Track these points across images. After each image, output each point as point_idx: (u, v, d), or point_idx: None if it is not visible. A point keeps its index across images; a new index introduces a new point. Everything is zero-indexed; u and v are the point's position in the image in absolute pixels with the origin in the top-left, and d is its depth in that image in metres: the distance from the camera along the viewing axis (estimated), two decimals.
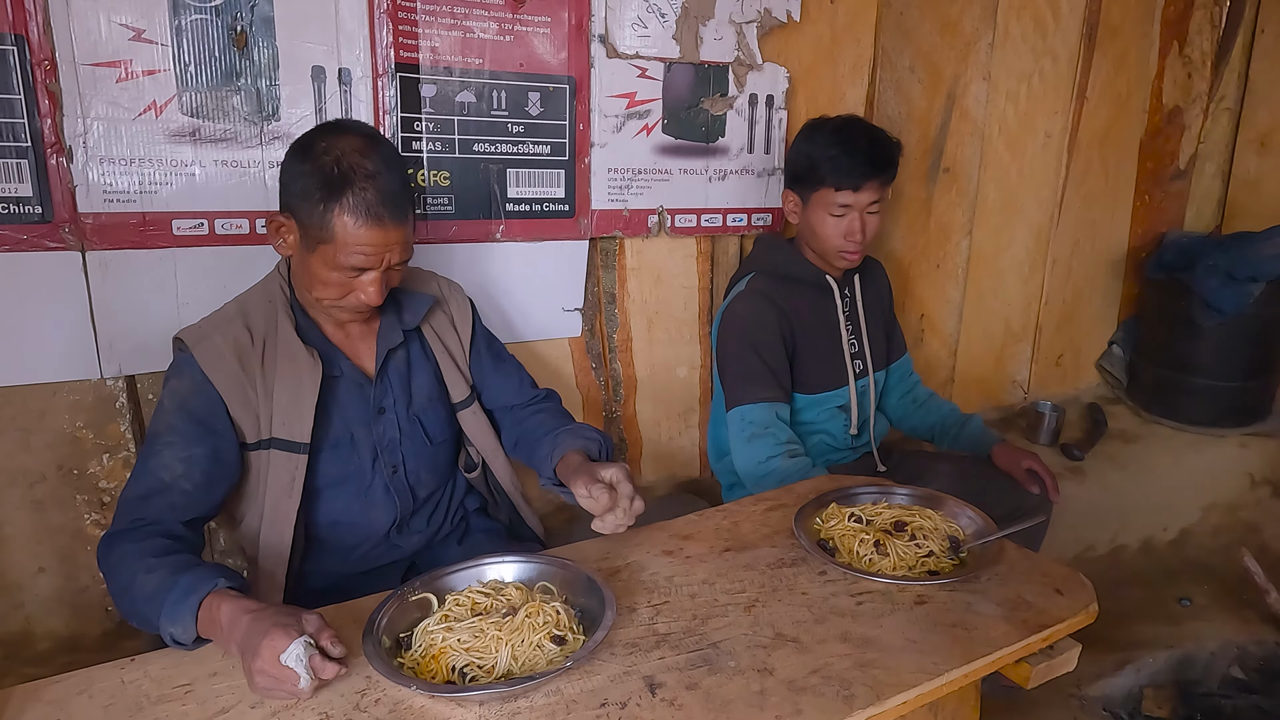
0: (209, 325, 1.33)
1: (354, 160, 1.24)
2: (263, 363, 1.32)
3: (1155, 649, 2.26)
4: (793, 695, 1.02)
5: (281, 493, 1.34)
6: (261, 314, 1.35)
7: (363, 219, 1.23)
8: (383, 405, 1.43)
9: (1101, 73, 2.89)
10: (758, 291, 1.86)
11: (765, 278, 1.89)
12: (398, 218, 1.27)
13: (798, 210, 1.89)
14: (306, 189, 1.24)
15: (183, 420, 1.25)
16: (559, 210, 1.91)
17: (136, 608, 1.10)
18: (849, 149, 1.77)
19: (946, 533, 1.38)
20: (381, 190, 1.24)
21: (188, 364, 1.29)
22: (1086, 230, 3.09)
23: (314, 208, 1.24)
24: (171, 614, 1.05)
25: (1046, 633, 1.17)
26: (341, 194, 1.22)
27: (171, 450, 1.23)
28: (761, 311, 1.84)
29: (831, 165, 1.77)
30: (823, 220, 1.83)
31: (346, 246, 1.24)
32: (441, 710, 0.99)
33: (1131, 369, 3.29)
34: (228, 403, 1.29)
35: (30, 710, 1.00)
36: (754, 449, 1.78)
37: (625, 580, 1.28)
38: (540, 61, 1.81)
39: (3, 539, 1.55)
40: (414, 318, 1.46)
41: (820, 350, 1.92)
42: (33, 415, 1.53)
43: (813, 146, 1.81)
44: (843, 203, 1.79)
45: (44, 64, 1.39)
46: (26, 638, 1.59)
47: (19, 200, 1.42)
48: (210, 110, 1.53)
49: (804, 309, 1.89)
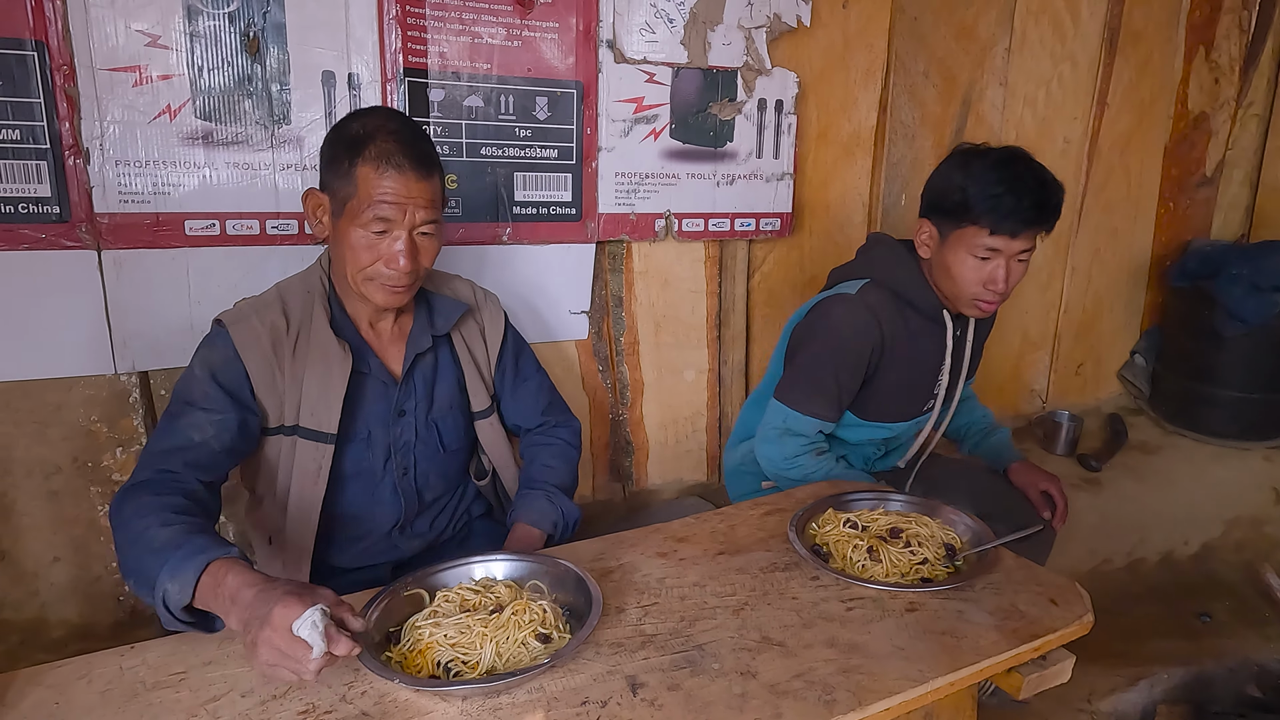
0: (248, 308, 1.35)
1: (377, 123, 1.27)
2: (294, 351, 1.33)
3: (1171, 665, 2.21)
4: (774, 699, 1.01)
5: (308, 480, 1.36)
6: (299, 303, 1.36)
7: (384, 166, 1.24)
8: (404, 408, 1.44)
9: (1123, 78, 2.85)
10: (868, 305, 1.68)
11: (881, 292, 1.70)
12: (420, 168, 1.27)
13: (932, 244, 1.66)
14: (334, 155, 1.28)
15: (213, 388, 1.27)
16: (566, 214, 1.93)
17: (141, 561, 1.07)
18: (1015, 189, 1.52)
19: (943, 540, 1.37)
20: (402, 141, 1.26)
21: (221, 339, 1.30)
22: (1107, 238, 3.05)
23: (339, 168, 1.27)
24: (174, 569, 1.02)
25: (1037, 643, 1.15)
26: (363, 148, 1.25)
27: (205, 413, 1.25)
28: (863, 328, 1.67)
29: (991, 204, 1.53)
30: (962, 261, 1.60)
31: (369, 198, 1.25)
32: (425, 704, 1.00)
33: (1154, 379, 3.23)
34: (254, 384, 1.31)
35: (31, 694, 1.03)
36: (782, 445, 1.70)
37: (617, 581, 1.29)
38: (548, 66, 1.83)
39: (20, 528, 1.60)
40: (445, 324, 1.46)
41: (904, 385, 1.76)
42: (49, 409, 1.57)
43: (969, 178, 1.56)
44: (992, 246, 1.56)
45: (63, 69, 1.44)
46: (41, 625, 1.64)
47: (38, 200, 1.47)
48: (223, 114, 1.57)
49: (907, 340, 1.71)
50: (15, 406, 1.54)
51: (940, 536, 1.37)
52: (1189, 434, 3.04)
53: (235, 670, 1.06)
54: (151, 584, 1.04)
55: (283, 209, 1.65)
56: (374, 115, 1.30)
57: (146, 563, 1.06)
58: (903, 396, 1.78)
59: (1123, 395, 3.32)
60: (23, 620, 1.62)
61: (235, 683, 1.04)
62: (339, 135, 1.29)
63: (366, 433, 1.41)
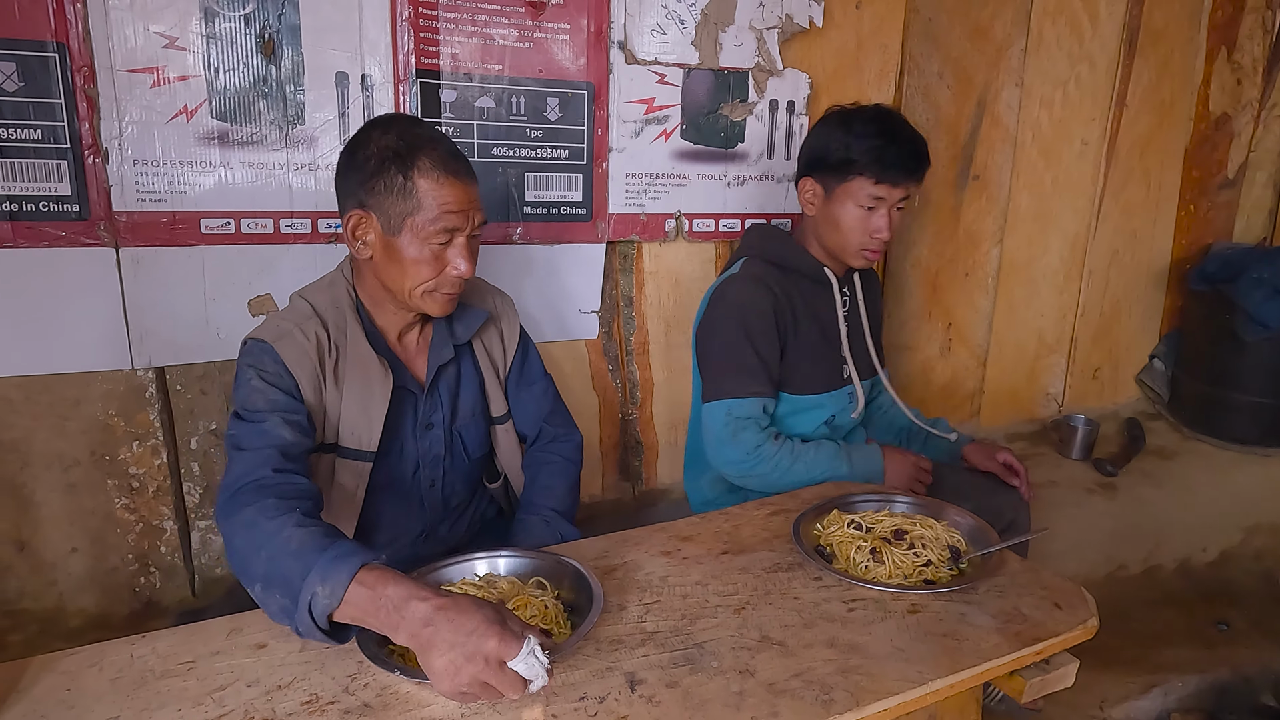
0: (287, 322, 1.30)
1: (413, 132, 1.27)
2: (335, 369, 1.32)
3: (1186, 673, 2.19)
4: (771, 697, 1.02)
5: (345, 497, 1.36)
6: (333, 319, 1.34)
7: (444, 174, 1.25)
8: (431, 420, 1.44)
9: (1143, 79, 2.82)
10: (752, 276, 1.74)
11: (761, 263, 1.77)
12: (471, 174, 1.30)
13: (816, 200, 1.75)
14: (378, 172, 1.25)
15: (276, 393, 1.24)
16: (577, 214, 1.94)
17: (277, 564, 1.00)
18: (894, 139, 1.65)
19: (948, 542, 1.37)
20: (447, 149, 1.27)
21: (269, 354, 1.26)
22: (1126, 240, 3.01)
23: (391, 185, 1.25)
24: (325, 570, 0.97)
25: (1040, 646, 1.14)
26: (416, 160, 1.24)
27: (282, 415, 1.21)
28: (756, 297, 1.71)
29: (874, 155, 1.64)
30: (849, 212, 1.70)
31: (434, 209, 1.25)
32: (425, 696, 1.01)
33: (1173, 384, 3.19)
34: (305, 398, 1.28)
35: (44, 680, 1.05)
36: (739, 441, 1.68)
37: (620, 579, 1.29)
38: (559, 67, 1.84)
39: (39, 519, 1.63)
40: (466, 332, 1.45)
41: (814, 350, 1.80)
42: (69, 402, 1.60)
43: (851, 135, 1.66)
44: (877, 195, 1.67)
45: (83, 70, 1.47)
46: (59, 614, 1.67)
47: (58, 199, 1.50)
48: (238, 114, 1.59)
49: (800, 302, 1.77)
50: (35, 400, 1.58)
51: (945, 538, 1.37)
52: (1208, 440, 3.00)
53: (242, 660, 1.08)
54: (294, 590, 0.98)
55: (296, 208, 1.67)
56: (393, 124, 1.29)
57: (286, 565, 1.00)
58: (820, 362, 1.82)
59: (1141, 400, 3.28)
60: (41, 610, 1.66)
61: (241, 673, 1.06)
62: (374, 152, 1.25)
63: (399, 447, 1.42)
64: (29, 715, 0.99)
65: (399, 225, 1.26)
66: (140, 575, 1.73)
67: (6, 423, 1.56)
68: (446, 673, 0.91)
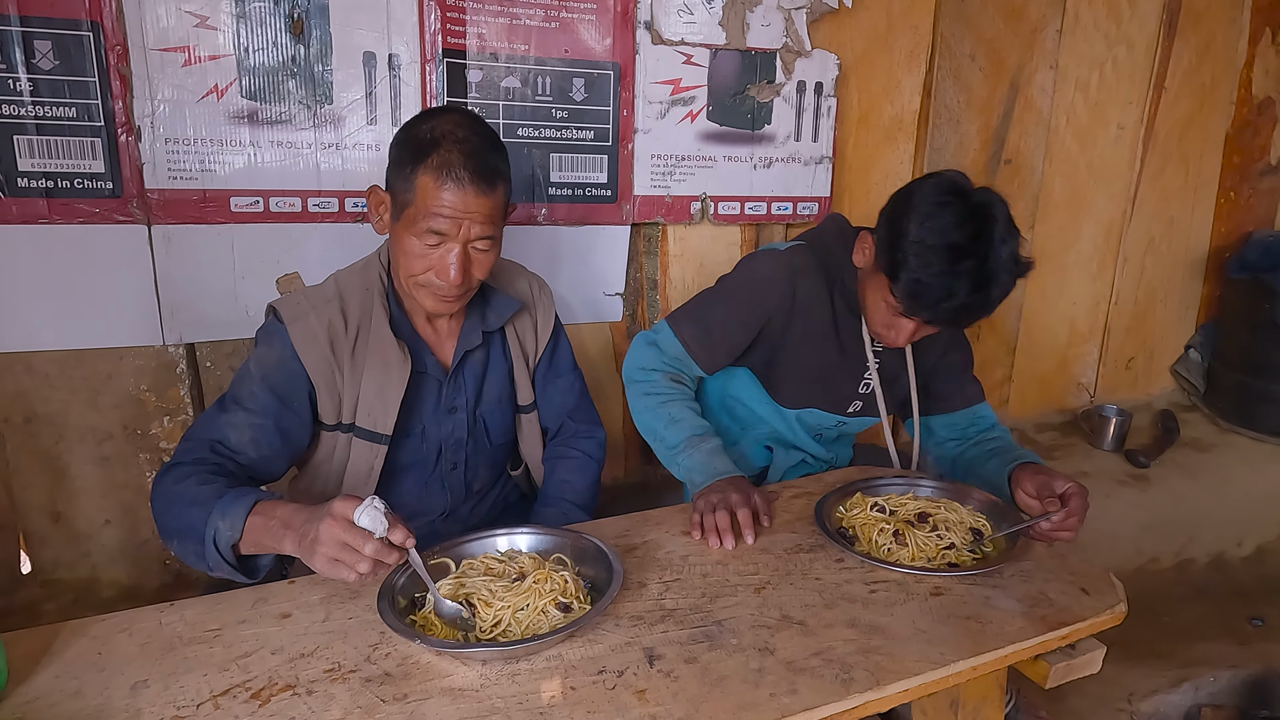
0: (306, 303, 1.32)
1: (446, 128, 1.25)
2: (353, 351, 1.33)
3: (1218, 667, 2.15)
4: (790, 675, 1.01)
5: (360, 478, 1.38)
6: (358, 301, 1.34)
7: (443, 178, 1.22)
8: (455, 404, 1.45)
9: (1183, 61, 2.75)
10: (789, 263, 1.55)
11: (810, 256, 1.56)
12: (480, 183, 1.24)
13: (865, 262, 1.50)
14: (399, 157, 1.27)
15: (264, 391, 1.27)
16: (601, 195, 1.94)
17: (184, 516, 1.12)
18: (946, 288, 1.31)
19: (972, 526, 1.35)
20: (467, 153, 1.23)
21: (280, 336, 1.29)
22: (1163, 227, 2.95)
23: (401, 171, 1.25)
24: (224, 508, 1.08)
25: (1066, 631, 1.13)
26: (427, 155, 1.23)
27: (246, 415, 1.26)
28: (770, 281, 1.54)
29: (912, 290, 1.34)
30: (876, 302, 1.46)
31: (425, 208, 1.23)
32: (446, 666, 1.02)
33: (1209, 375, 3.12)
34: (314, 383, 1.31)
35: (75, 644, 1.07)
36: (643, 352, 1.56)
37: (640, 557, 1.29)
38: (585, 48, 1.83)
39: (74, 491, 1.67)
40: (498, 319, 1.45)
41: (819, 367, 1.61)
42: (101, 377, 1.64)
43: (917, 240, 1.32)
44: (904, 315, 1.42)
45: (116, 48, 1.49)
46: (93, 585, 1.71)
47: (92, 176, 1.52)
48: (267, 94, 1.60)
49: (823, 313, 1.58)
50: (70, 374, 1.61)
51: (969, 522, 1.35)
52: (1245, 432, 2.93)
53: (267, 629, 1.10)
54: (199, 532, 1.10)
55: (324, 187, 1.68)
56: (445, 119, 1.27)
57: (191, 515, 1.11)
58: (820, 383, 1.63)
59: (1175, 391, 3.22)
60: (75, 580, 1.70)
61: (266, 640, 1.08)
62: (407, 136, 1.27)
63: (420, 428, 1.43)
64: (61, 676, 1.01)
65: (399, 212, 1.28)
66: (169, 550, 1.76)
67: (42, 396, 1.60)
68: (309, 546, 1.01)
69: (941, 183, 1.37)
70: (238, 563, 1.12)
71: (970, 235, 1.30)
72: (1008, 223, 1.35)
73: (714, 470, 1.41)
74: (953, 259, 1.30)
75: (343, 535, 0.99)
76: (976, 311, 1.36)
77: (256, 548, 1.10)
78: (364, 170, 1.70)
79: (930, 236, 1.31)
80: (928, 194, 1.36)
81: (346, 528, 0.99)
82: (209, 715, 0.94)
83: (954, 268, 1.30)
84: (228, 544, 1.09)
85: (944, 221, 1.31)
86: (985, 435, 1.69)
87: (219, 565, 1.11)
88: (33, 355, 1.58)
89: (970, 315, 1.37)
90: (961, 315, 1.37)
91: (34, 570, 1.68)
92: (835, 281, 1.57)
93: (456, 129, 1.25)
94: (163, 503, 1.18)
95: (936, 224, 1.31)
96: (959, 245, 1.30)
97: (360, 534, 0.99)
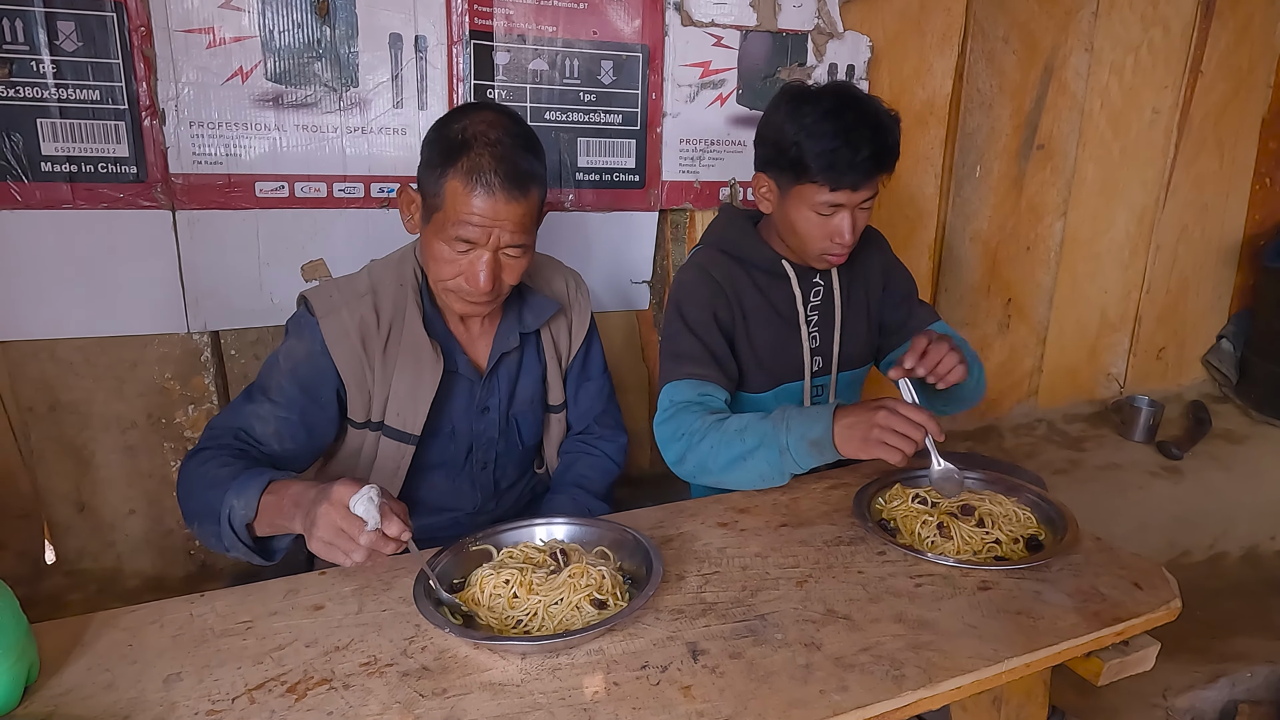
0: (339, 296, 1.29)
1: (479, 129, 1.20)
2: (385, 348, 1.30)
3: (1255, 663, 2.11)
4: (839, 671, 0.98)
5: (387, 475, 1.36)
6: (391, 298, 1.31)
7: (473, 184, 1.17)
8: (487, 405, 1.43)
9: (1220, 44, 2.68)
10: (698, 265, 1.59)
11: (711, 252, 1.62)
12: (511, 189, 1.18)
13: (772, 198, 1.54)
14: (430, 157, 1.22)
15: (291, 384, 1.26)
16: (629, 180, 1.90)
17: (203, 499, 1.11)
18: (851, 141, 1.40)
19: (1019, 518, 1.31)
20: (498, 157, 1.18)
21: (310, 330, 1.27)
22: (1196, 215, 2.88)
23: (431, 173, 1.21)
24: (239, 488, 1.08)
25: (1120, 627, 1.09)
26: (457, 159, 1.18)
27: (272, 408, 1.24)
28: (697, 285, 1.57)
29: (827, 160, 1.41)
30: (805, 218, 1.49)
31: (454, 214, 1.19)
32: (484, 660, 1.00)
33: (1242, 365, 3.06)
34: (343, 380, 1.29)
35: (106, 635, 1.06)
36: (676, 422, 1.47)
37: (677, 549, 1.27)
38: (614, 29, 1.79)
39: (99, 480, 1.65)
40: (535, 321, 1.42)
41: (769, 343, 1.62)
42: (126, 365, 1.62)
43: (802, 132, 1.42)
44: (835, 202, 1.45)
45: (140, 30, 1.46)
46: (117, 574, 1.70)
47: (116, 160, 1.50)
48: (292, 76, 1.58)
49: (753, 295, 1.60)
50: (94, 362, 1.59)
51: (1016, 515, 1.31)
52: (1279, 423, 2.87)
53: (300, 621, 1.08)
54: (215, 512, 1.09)
55: (350, 172, 1.66)
56: (478, 118, 1.22)
57: (209, 497, 1.10)
58: (776, 357, 1.64)
59: (1207, 382, 3.16)
60: (100, 570, 1.69)
61: (299, 633, 1.05)
62: (439, 135, 1.22)
63: (450, 428, 1.40)
64: (93, 668, 0.99)
65: (429, 215, 1.24)
66: (195, 538, 1.75)
67: (66, 384, 1.58)
68: (311, 530, 1.00)
69: (785, 90, 1.51)
70: (254, 543, 1.11)
71: (838, 99, 1.44)
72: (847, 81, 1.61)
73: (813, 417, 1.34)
74: (838, 116, 1.41)
75: (339, 521, 0.99)
76: (885, 152, 1.44)
77: (271, 528, 1.10)
78: (390, 155, 1.67)
79: (808, 118, 1.42)
80: (779, 103, 1.50)
81: (344, 514, 0.98)
82: (244, 709, 0.92)
83: (844, 122, 1.41)
84: (242, 523, 1.08)
85: (809, 103, 1.44)
86: None
87: (234, 545, 1.10)
88: (57, 343, 1.56)
89: (884, 158, 1.44)
90: (878, 161, 1.43)
91: (58, 560, 1.67)
92: (743, 258, 1.62)
93: (489, 130, 1.20)
94: (185, 486, 1.17)
95: (806, 108, 1.44)
96: (836, 107, 1.42)
97: (355, 522, 0.98)
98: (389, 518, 0.99)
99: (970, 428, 2.74)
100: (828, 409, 1.34)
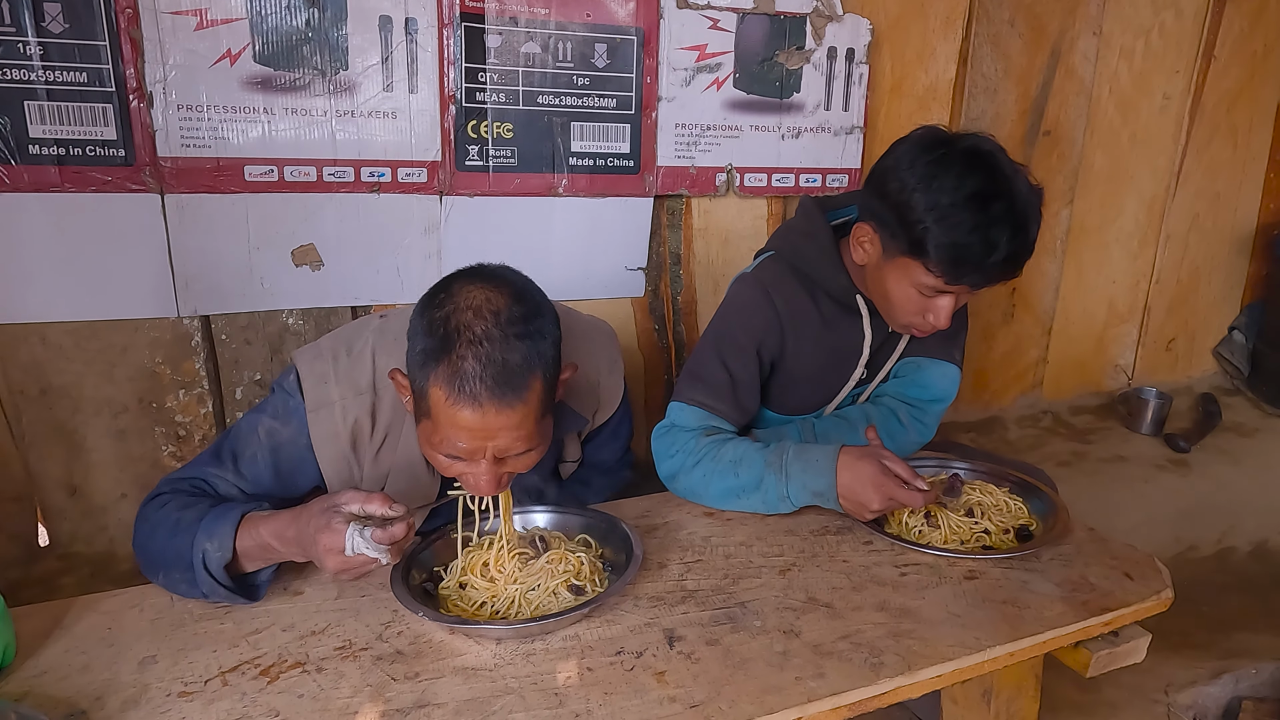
0: (334, 387, 1.18)
1: (464, 319, 1.02)
2: (378, 454, 1.22)
3: (1260, 659, 2.07)
4: (817, 659, 0.97)
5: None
6: (392, 403, 1.20)
7: (457, 395, 1.00)
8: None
9: (1234, 28, 2.62)
10: (761, 282, 1.45)
11: (781, 266, 1.47)
12: (501, 398, 1.00)
13: (872, 253, 1.35)
14: (413, 348, 1.06)
15: (266, 465, 1.17)
16: (623, 166, 1.88)
17: (168, 544, 1.05)
18: (988, 240, 1.19)
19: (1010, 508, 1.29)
20: (484, 360, 1.00)
21: (298, 419, 1.17)
22: (1208, 204, 2.83)
23: (416, 372, 1.05)
24: (209, 529, 1.03)
25: (1109, 616, 1.07)
26: (438, 360, 1.01)
27: (238, 480, 1.17)
28: (751, 309, 1.44)
29: (954, 254, 1.21)
30: (904, 292, 1.31)
31: (440, 424, 1.04)
32: (459, 645, 0.99)
33: (1254, 358, 3.01)
34: (325, 477, 1.21)
35: (86, 619, 1.06)
36: (668, 439, 1.40)
37: (661, 538, 1.26)
38: (608, 12, 1.77)
39: (91, 464, 1.66)
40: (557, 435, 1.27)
41: (815, 375, 1.52)
42: (117, 349, 1.62)
43: (932, 210, 1.21)
44: (943, 290, 1.28)
45: (127, 11, 1.45)
46: (110, 559, 1.70)
47: (104, 143, 1.49)
48: (281, 59, 1.56)
49: (814, 327, 1.46)
50: (85, 346, 1.59)
51: (1005, 504, 1.29)
52: None
53: (278, 606, 1.08)
54: (186, 559, 1.03)
55: (340, 156, 1.65)
56: (465, 300, 1.04)
57: (175, 543, 1.05)
58: (816, 389, 1.54)
59: (1217, 374, 3.10)
60: (92, 553, 1.69)
61: (277, 617, 1.05)
62: (421, 319, 1.06)
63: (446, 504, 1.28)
64: (70, 651, 1.00)
65: (418, 417, 1.10)
66: None
67: (57, 368, 1.58)
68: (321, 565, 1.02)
69: (922, 140, 1.27)
70: (236, 584, 1.06)
71: (984, 179, 1.21)
72: (1005, 153, 1.26)
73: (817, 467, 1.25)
74: (981, 208, 1.19)
75: (347, 566, 0.99)
76: (1022, 256, 1.24)
77: (252, 564, 1.07)
78: (380, 139, 1.66)
79: (945, 195, 1.20)
80: (915, 155, 1.25)
81: (344, 561, 0.99)
82: (216, 692, 0.92)
83: (986, 216, 1.19)
84: (219, 565, 1.03)
85: (950, 175, 1.21)
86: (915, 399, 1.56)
87: (214, 591, 1.04)
88: (47, 327, 1.56)
89: (1018, 262, 1.24)
90: (1009, 265, 1.23)
91: (51, 543, 1.68)
92: (813, 282, 1.47)
93: (476, 320, 1.02)
94: (145, 533, 1.10)
95: (945, 181, 1.21)
96: (980, 193, 1.20)
97: (360, 560, 0.99)
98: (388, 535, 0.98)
99: (974, 419, 2.70)
100: (829, 458, 1.25)
